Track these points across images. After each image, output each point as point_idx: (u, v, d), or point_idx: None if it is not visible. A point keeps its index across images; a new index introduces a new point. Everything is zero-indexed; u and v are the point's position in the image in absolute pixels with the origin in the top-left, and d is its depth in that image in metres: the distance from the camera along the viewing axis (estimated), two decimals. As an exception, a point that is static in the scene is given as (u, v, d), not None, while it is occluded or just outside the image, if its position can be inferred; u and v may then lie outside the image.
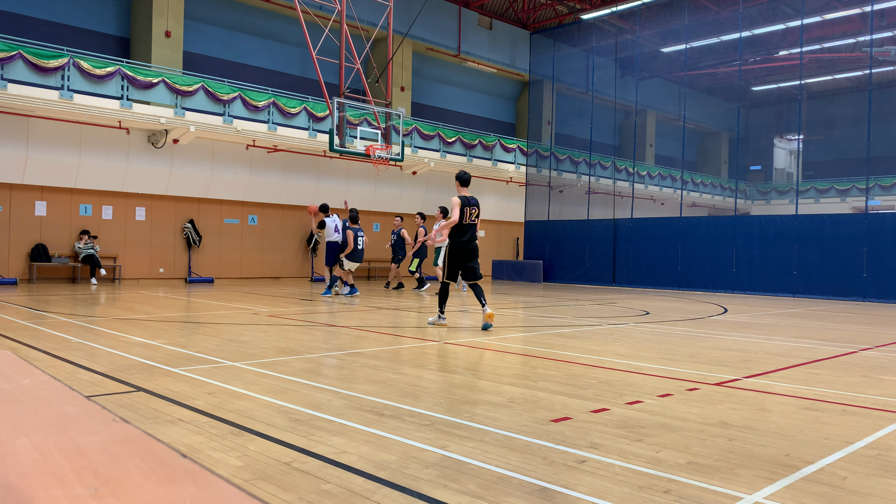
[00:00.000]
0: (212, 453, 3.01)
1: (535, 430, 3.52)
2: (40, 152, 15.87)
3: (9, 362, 1.46)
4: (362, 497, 2.51)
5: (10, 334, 6.90)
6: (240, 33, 20.94)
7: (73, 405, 1.12)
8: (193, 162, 18.30)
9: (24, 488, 0.74)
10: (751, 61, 26.21)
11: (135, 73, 16.19)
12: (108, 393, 4.27)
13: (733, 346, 7.35)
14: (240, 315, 9.56)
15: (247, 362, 5.51)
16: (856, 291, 16.02)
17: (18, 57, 14.55)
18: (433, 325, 8.59)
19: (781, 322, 10.28)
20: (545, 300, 14.36)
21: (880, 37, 21.51)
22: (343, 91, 16.93)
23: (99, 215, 17.27)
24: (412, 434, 3.40)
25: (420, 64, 25.39)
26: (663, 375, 5.32)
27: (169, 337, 7.00)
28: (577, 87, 24.89)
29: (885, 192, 27.93)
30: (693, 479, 2.79)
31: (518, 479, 2.74)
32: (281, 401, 4.10)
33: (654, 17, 22.99)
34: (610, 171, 27.05)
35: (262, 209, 20.18)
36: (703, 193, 32.14)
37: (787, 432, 3.62)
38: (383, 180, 21.90)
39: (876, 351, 7.21)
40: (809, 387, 5.02)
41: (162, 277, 18.25)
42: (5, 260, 15.94)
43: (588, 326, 9.07)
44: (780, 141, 34.17)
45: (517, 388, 4.65)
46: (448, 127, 23.48)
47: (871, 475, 2.92)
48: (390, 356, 6.16)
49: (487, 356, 6.34)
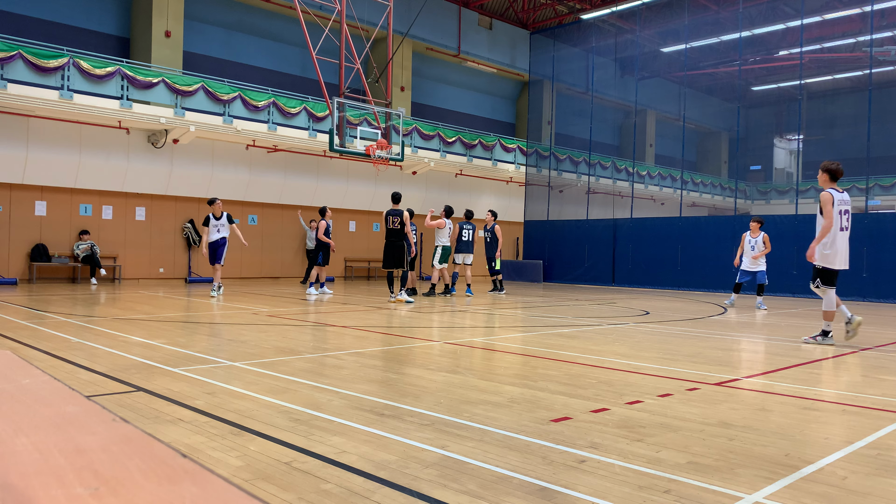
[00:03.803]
0: (212, 453, 3.01)
1: (535, 430, 3.52)
2: (40, 152, 15.87)
3: (9, 362, 1.46)
4: (362, 497, 2.51)
5: (10, 334, 6.89)
6: (240, 33, 20.95)
7: (73, 405, 1.12)
8: (193, 162, 18.29)
9: (24, 488, 0.74)
10: (751, 61, 26.22)
11: (135, 73, 16.19)
12: (108, 393, 4.27)
13: (733, 346, 7.35)
14: (240, 315, 9.56)
15: (247, 362, 5.51)
16: (856, 291, 16.00)
17: (18, 57, 14.55)
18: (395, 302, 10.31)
19: (781, 322, 10.28)
20: (545, 300, 14.36)
21: (880, 37, 21.51)
22: (343, 91, 16.93)
23: (99, 215, 17.27)
24: (412, 434, 3.40)
25: (420, 64, 25.39)
26: (663, 375, 5.32)
27: (169, 337, 7.00)
28: (577, 87, 24.89)
29: (885, 192, 27.93)
30: (693, 479, 2.79)
31: (518, 479, 2.74)
32: (281, 401, 4.10)
33: (654, 17, 22.99)
34: (610, 171, 27.05)
35: (262, 209, 20.18)
36: (703, 193, 32.14)
37: (787, 432, 3.62)
38: (383, 180, 21.90)
39: (876, 351, 7.21)
40: (809, 387, 5.02)
41: (162, 277, 18.25)
42: (5, 260, 15.94)
43: (588, 326, 9.07)
44: (779, 141, 34.18)
45: (517, 388, 4.65)
46: (448, 127, 23.48)
47: (871, 475, 2.92)
48: (390, 356, 6.16)
49: (487, 356, 6.34)
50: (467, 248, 15.05)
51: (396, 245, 12.54)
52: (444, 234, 14.40)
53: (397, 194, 12.94)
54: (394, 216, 12.56)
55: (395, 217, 12.54)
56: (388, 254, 12.60)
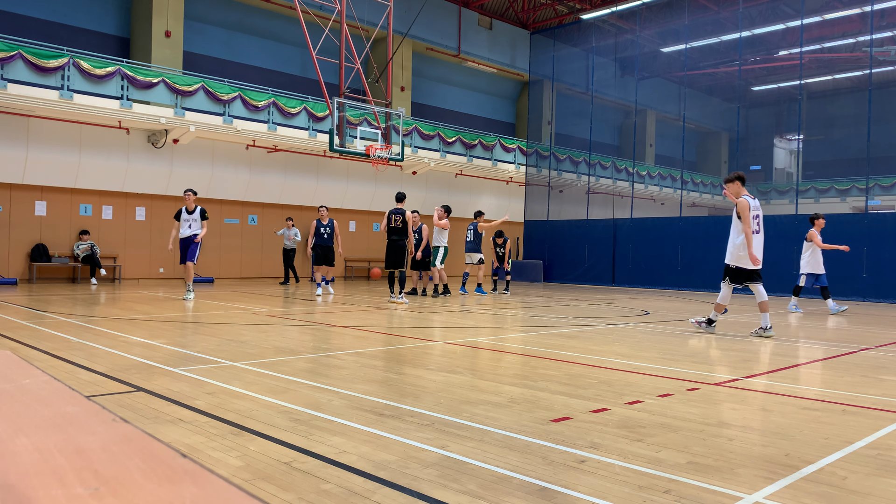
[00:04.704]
0: (212, 453, 3.01)
1: (535, 430, 3.52)
2: (40, 152, 15.87)
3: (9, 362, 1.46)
4: (362, 497, 2.51)
5: (10, 334, 6.89)
6: (240, 33, 20.95)
7: (73, 405, 1.12)
8: (193, 162, 18.30)
9: (24, 488, 0.74)
10: (751, 61, 26.22)
11: (135, 73, 16.19)
12: (108, 393, 4.27)
13: (733, 346, 7.35)
14: (240, 315, 9.56)
15: (247, 362, 5.51)
16: (856, 291, 16.01)
17: (18, 57, 14.55)
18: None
19: (781, 322, 10.28)
20: (545, 300, 14.36)
21: (880, 37, 21.52)
22: (343, 91, 16.93)
23: (99, 215, 17.27)
24: (412, 434, 3.40)
25: (420, 64, 25.39)
26: (663, 375, 5.32)
27: (169, 337, 7.00)
28: (577, 87, 24.90)
29: (885, 192, 27.93)
30: (693, 479, 2.79)
31: (518, 479, 2.74)
32: (281, 401, 4.10)
33: (654, 17, 22.99)
34: (610, 171, 27.05)
35: (262, 209, 20.18)
36: (703, 193, 32.14)
37: (787, 432, 3.62)
38: (383, 180, 21.90)
39: (876, 351, 7.21)
40: (809, 387, 5.02)
41: (162, 277, 18.25)
42: (5, 260, 15.94)
43: (588, 326, 9.07)
44: (779, 141, 34.18)
45: (517, 388, 4.65)
46: (448, 127, 23.48)
47: (871, 475, 2.92)
48: (390, 356, 6.16)
49: (487, 356, 6.34)
50: (474, 247, 15.17)
51: (398, 245, 12.52)
52: (444, 234, 14.41)
53: (402, 194, 12.92)
54: (396, 214, 12.56)
55: (398, 215, 12.53)
56: (391, 254, 12.57)
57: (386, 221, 12.59)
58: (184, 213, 11.85)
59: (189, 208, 11.84)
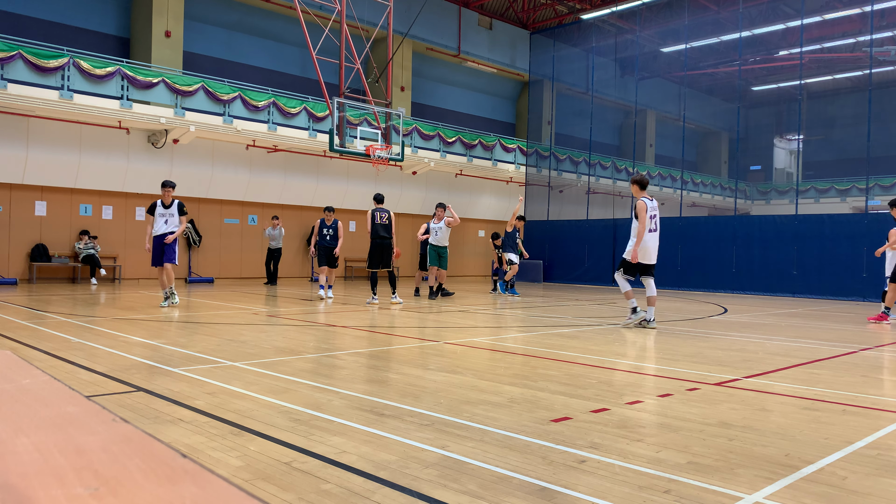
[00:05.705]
0: (212, 453, 3.01)
1: (535, 430, 3.52)
2: (40, 152, 15.87)
3: (9, 362, 1.46)
4: (362, 497, 2.51)
5: (10, 334, 6.89)
6: (240, 33, 20.94)
7: (73, 405, 1.12)
8: (193, 162, 18.30)
9: (24, 488, 0.74)
10: (751, 61, 26.22)
11: (135, 73, 16.19)
12: (108, 393, 4.27)
13: (733, 346, 7.35)
14: (240, 315, 9.56)
15: (247, 362, 5.51)
16: (856, 291, 16.01)
17: (18, 57, 14.55)
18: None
19: (781, 322, 10.28)
20: (545, 300, 14.36)
21: (880, 37, 21.51)
22: (343, 91, 16.92)
23: (99, 215, 17.27)
24: (412, 434, 3.40)
25: (420, 64, 25.39)
26: (663, 375, 5.32)
27: (169, 337, 7.00)
28: (577, 87, 24.90)
29: (885, 192, 27.88)
30: (693, 479, 2.79)
31: (518, 479, 2.74)
32: (281, 401, 4.10)
33: (654, 17, 22.99)
34: (610, 171, 27.04)
35: (262, 209, 20.18)
36: (703, 193, 32.14)
37: (787, 432, 3.62)
38: (383, 180, 21.89)
39: (876, 351, 7.21)
40: (809, 387, 5.02)
41: (162, 277, 18.24)
42: (5, 260, 15.94)
43: (588, 326, 9.07)
44: (779, 141, 34.17)
45: (517, 388, 4.65)
46: (448, 127, 23.48)
47: (871, 475, 2.92)
48: (390, 356, 6.16)
49: (487, 356, 6.34)
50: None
51: (386, 244, 12.17)
52: (447, 234, 14.32)
53: (380, 195, 12.64)
54: (381, 213, 12.28)
55: (384, 213, 12.28)
56: (379, 253, 12.16)
57: (371, 220, 12.16)
58: (159, 206, 10.63)
59: (165, 202, 10.64)
